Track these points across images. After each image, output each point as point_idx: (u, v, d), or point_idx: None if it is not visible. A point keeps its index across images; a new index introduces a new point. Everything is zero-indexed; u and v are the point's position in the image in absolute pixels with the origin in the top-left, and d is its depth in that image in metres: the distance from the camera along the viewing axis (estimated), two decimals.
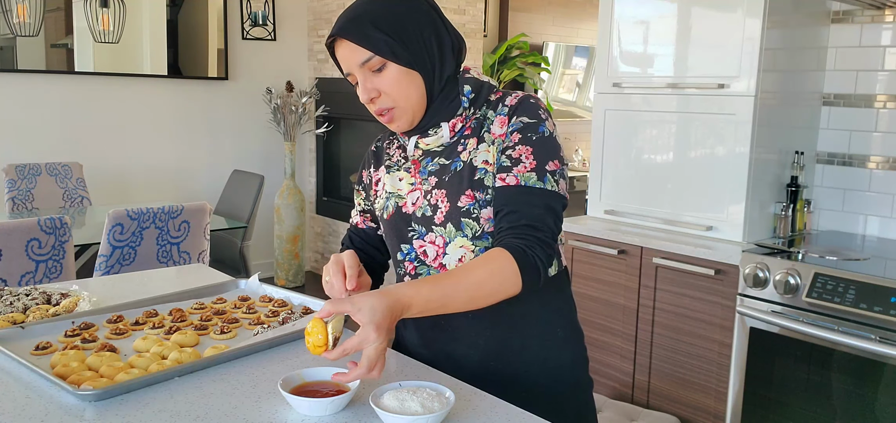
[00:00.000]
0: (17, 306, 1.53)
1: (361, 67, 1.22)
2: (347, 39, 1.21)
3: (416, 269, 1.32)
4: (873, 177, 2.74)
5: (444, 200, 1.27)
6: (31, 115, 4.41)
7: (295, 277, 5.29)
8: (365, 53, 1.21)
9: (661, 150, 2.80)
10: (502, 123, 1.27)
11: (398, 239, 1.34)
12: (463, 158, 1.27)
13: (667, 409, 2.72)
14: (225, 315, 1.53)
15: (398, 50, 1.21)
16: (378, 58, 1.21)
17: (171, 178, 5.01)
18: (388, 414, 1.03)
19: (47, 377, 1.15)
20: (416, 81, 1.24)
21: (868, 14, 2.69)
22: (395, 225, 1.34)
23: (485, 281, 1.14)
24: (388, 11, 1.21)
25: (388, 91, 1.23)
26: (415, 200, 1.31)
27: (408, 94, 1.24)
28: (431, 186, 1.29)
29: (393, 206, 1.35)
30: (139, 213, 2.97)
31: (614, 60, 2.91)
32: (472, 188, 1.25)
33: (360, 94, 1.26)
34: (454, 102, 1.28)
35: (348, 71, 1.25)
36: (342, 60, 1.25)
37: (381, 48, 1.20)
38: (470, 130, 1.29)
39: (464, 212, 1.25)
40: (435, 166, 1.30)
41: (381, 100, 1.25)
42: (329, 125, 5.36)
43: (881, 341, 2.12)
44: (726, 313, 2.51)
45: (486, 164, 1.26)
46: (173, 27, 4.92)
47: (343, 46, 1.23)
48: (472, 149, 1.27)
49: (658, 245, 2.69)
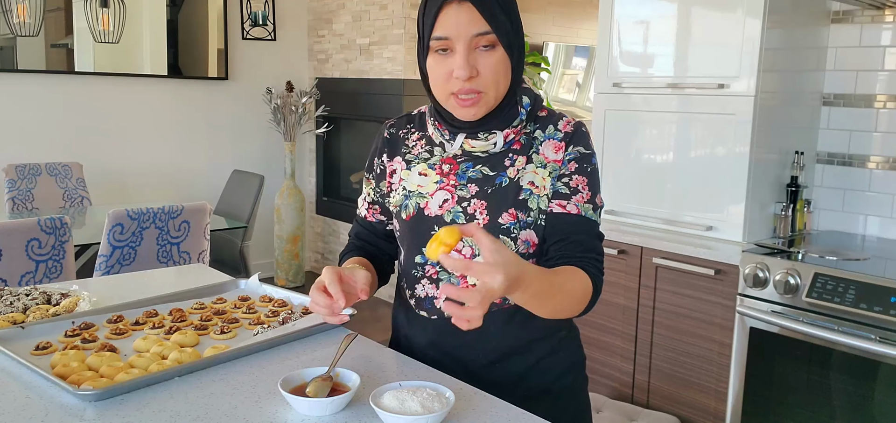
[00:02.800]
0: (17, 306, 1.53)
1: (471, 39, 1.14)
2: (473, 5, 1.13)
3: (437, 274, 1.28)
4: (873, 177, 2.74)
5: (483, 212, 1.23)
6: (31, 115, 4.41)
7: (295, 277, 5.29)
8: (484, 26, 1.13)
9: (661, 150, 2.80)
10: (557, 149, 1.25)
11: (419, 242, 1.27)
12: (509, 174, 1.24)
13: (667, 409, 2.72)
14: (225, 315, 1.52)
15: (512, 37, 1.16)
16: (494, 36, 1.14)
17: (171, 178, 5.01)
18: (388, 414, 1.03)
19: (47, 377, 1.15)
20: (509, 73, 1.19)
21: (868, 14, 2.69)
22: (415, 228, 1.28)
23: (574, 294, 1.16)
24: None
25: (487, 74, 1.16)
26: (441, 203, 1.26)
27: (500, 84, 1.18)
28: (470, 194, 1.24)
29: (414, 206, 1.28)
30: (139, 213, 2.97)
31: (614, 60, 2.91)
32: (516, 208, 1.22)
33: (457, 67, 1.14)
34: (512, 110, 1.23)
35: (448, 36, 1.14)
36: (450, 24, 1.14)
37: (501, 29, 1.14)
38: (519, 146, 1.25)
39: (504, 230, 1.22)
40: (476, 174, 1.25)
41: (476, 80, 1.16)
42: (329, 125, 5.36)
43: (881, 341, 2.12)
44: (726, 313, 2.51)
45: (532, 185, 1.23)
46: (173, 27, 4.92)
47: (460, 10, 1.13)
48: (520, 167, 1.24)
49: (658, 245, 2.69)
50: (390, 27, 4.77)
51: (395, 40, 4.74)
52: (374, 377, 1.21)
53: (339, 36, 5.23)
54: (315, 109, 5.33)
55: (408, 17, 4.65)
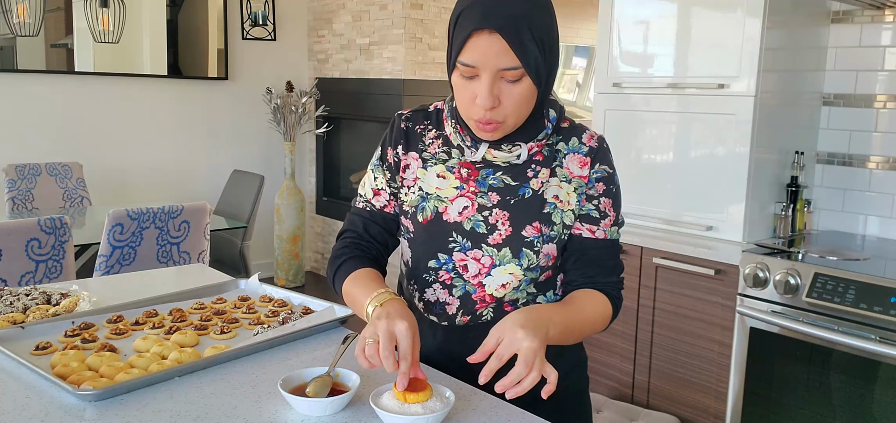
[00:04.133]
0: (17, 306, 1.53)
1: (498, 71, 1.09)
2: (503, 37, 1.07)
3: (452, 280, 1.25)
4: (873, 177, 2.74)
5: (505, 222, 1.21)
6: (31, 115, 4.41)
7: (295, 277, 5.29)
8: (513, 61, 1.08)
9: (661, 150, 2.80)
10: (582, 164, 1.24)
11: (435, 247, 1.24)
12: (533, 186, 1.22)
13: (667, 409, 2.72)
14: (225, 315, 1.52)
15: (540, 68, 1.11)
16: (521, 71, 1.09)
17: (171, 178, 5.01)
18: (388, 414, 1.03)
19: (47, 377, 1.15)
20: (534, 100, 1.15)
21: (868, 14, 2.69)
22: (432, 232, 1.24)
23: (596, 323, 1.22)
24: (541, 21, 1.10)
25: (509, 105, 1.12)
26: (461, 210, 1.23)
27: (524, 112, 1.15)
28: (492, 203, 1.22)
29: (432, 210, 1.24)
30: (139, 213, 2.97)
31: (614, 60, 2.91)
32: (540, 221, 1.21)
33: (480, 96, 1.10)
34: (538, 123, 1.20)
35: (475, 64, 1.09)
36: (478, 53, 1.08)
37: (530, 63, 1.09)
38: (542, 158, 1.23)
39: (527, 243, 1.21)
40: (498, 182, 1.22)
41: (498, 110, 1.12)
42: (329, 125, 5.36)
43: (881, 341, 2.12)
44: (726, 313, 2.51)
45: (556, 199, 1.22)
46: (173, 27, 4.91)
47: (490, 41, 1.07)
48: (543, 179, 1.22)
49: (658, 245, 2.68)
50: (390, 27, 4.76)
51: (395, 40, 4.74)
52: (374, 377, 1.21)
53: (339, 36, 5.23)
54: (315, 109, 5.33)
55: (408, 17, 4.65)
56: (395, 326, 1.07)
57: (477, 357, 1.06)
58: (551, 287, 1.29)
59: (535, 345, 1.03)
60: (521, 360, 1.02)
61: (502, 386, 1.03)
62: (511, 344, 1.04)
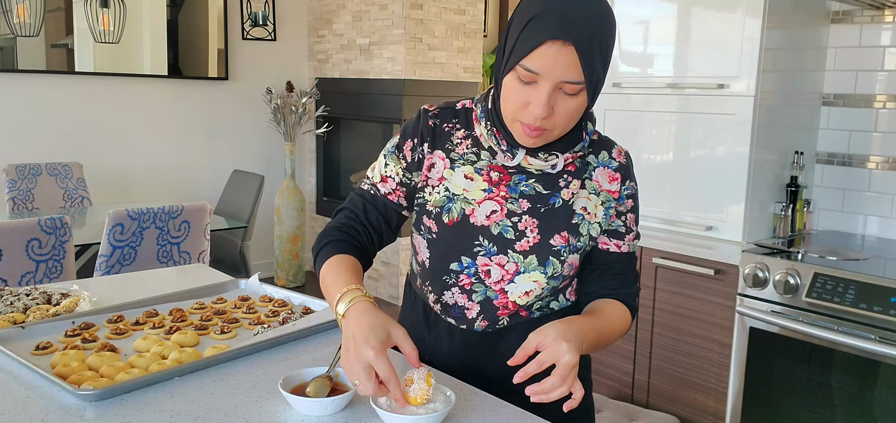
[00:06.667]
0: (18, 306, 1.53)
1: (560, 82, 1.07)
2: (576, 51, 1.05)
3: (472, 284, 1.24)
4: (873, 177, 2.74)
5: (534, 230, 1.21)
6: (31, 115, 4.41)
7: (295, 277, 5.29)
8: (579, 76, 1.06)
9: (660, 150, 2.80)
10: (611, 179, 1.25)
11: (459, 250, 1.22)
12: (563, 196, 1.21)
13: (667, 409, 2.72)
14: (225, 315, 1.53)
15: (598, 85, 1.11)
16: (582, 86, 1.08)
17: (171, 178, 5.01)
18: (389, 414, 1.03)
19: (47, 377, 1.15)
20: (581, 112, 1.14)
21: (868, 14, 2.69)
22: (458, 234, 1.22)
23: (619, 333, 1.26)
24: (609, 37, 1.10)
25: (563, 116, 1.11)
26: (489, 213, 1.21)
27: (572, 124, 1.15)
28: (522, 209, 1.21)
29: (458, 212, 1.22)
30: (139, 213, 2.97)
31: (614, 60, 2.90)
32: (568, 231, 1.21)
33: (535, 103, 1.08)
34: (576, 134, 1.20)
35: (539, 72, 1.07)
36: (546, 63, 1.06)
37: (592, 78, 1.08)
38: (574, 169, 1.22)
39: (554, 251, 1.21)
40: (529, 189, 1.22)
41: (549, 119, 1.10)
42: (329, 125, 5.36)
43: (881, 341, 2.12)
44: (726, 313, 2.51)
45: (584, 211, 1.23)
46: (173, 27, 4.92)
47: (561, 52, 1.05)
48: (574, 190, 1.22)
49: (658, 245, 2.69)
50: (390, 27, 4.76)
51: (395, 40, 4.74)
52: None
53: (339, 36, 5.23)
54: (315, 109, 5.33)
55: (408, 17, 4.65)
56: (366, 355, 1.02)
57: (517, 359, 1.08)
58: (563, 293, 1.31)
59: (574, 360, 1.06)
60: (559, 372, 1.05)
61: (534, 393, 1.06)
62: (554, 354, 1.06)
